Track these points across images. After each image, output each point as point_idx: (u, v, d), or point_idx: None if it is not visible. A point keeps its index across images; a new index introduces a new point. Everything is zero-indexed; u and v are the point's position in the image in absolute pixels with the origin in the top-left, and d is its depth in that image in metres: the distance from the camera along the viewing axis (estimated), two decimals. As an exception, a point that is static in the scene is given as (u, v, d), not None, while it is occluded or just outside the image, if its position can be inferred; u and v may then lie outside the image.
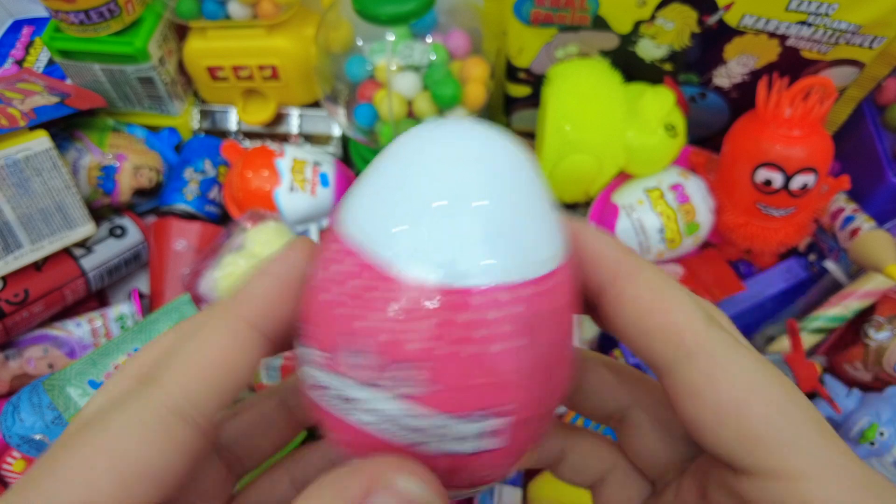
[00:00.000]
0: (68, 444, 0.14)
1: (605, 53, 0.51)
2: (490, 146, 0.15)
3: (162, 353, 0.15)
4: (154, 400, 0.14)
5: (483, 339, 0.14)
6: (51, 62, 0.67)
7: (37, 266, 0.50)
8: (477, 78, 0.50)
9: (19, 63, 0.67)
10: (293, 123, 0.62)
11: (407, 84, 0.48)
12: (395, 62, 0.48)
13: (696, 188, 0.51)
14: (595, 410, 0.20)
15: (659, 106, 0.48)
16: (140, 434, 0.14)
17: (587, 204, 0.54)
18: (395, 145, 0.15)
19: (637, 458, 0.19)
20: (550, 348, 0.15)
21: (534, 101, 0.57)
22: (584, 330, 0.50)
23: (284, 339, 0.16)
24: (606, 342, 0.53)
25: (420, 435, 0.14)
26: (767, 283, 0.54)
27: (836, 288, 0.53)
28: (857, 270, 0.53)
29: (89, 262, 0.53)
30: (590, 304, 0.17)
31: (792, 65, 0.48)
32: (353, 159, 0.61)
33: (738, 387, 0.14)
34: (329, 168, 0.58)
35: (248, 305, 0.15)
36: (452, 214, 0.14)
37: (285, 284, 0.15)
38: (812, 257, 0.55)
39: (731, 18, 0.45)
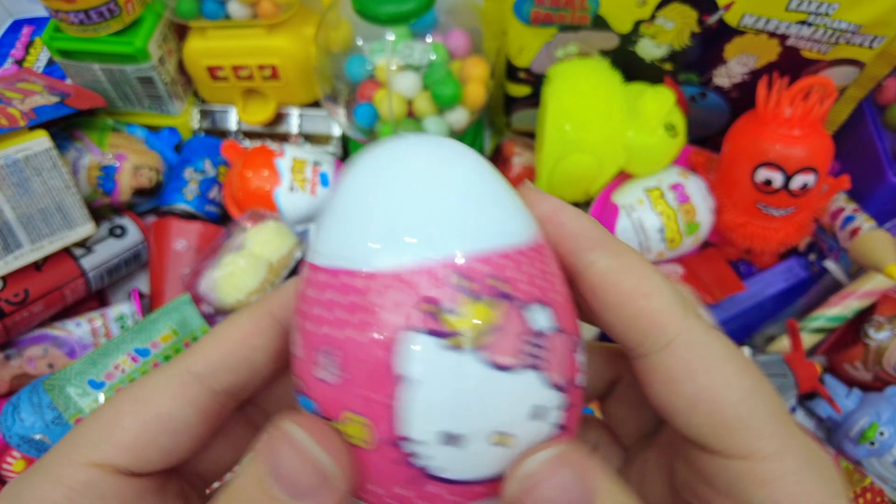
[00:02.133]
0: (112, 398, 0.17)
1: (605, 53, 0.51)
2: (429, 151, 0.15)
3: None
4: (178, 366, 0.17)
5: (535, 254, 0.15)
6: (51, 62, 0.67)
7: (37, 266, 0.50)
8: (477, 77, 0.50)
9: (19, 63, 0.67)
10: (293, 123, 0.62)
11: (407, 84, 0.48)
12: (395, 62, 0.48)
13: (696, 188, 0.51)
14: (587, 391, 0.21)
15: (659, 105, 0.48)
16: (161, 388, 0.16)
17: (587, 204, 0.54)
18: (345, 174, 0.16)
19: (617, 427, 0.20)
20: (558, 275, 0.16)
21: (534, 100, 0.57)
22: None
23: None
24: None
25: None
26: (767, 283, 0.54)
27: (836, 288, 0.53)
28: (857, 270, 0.53)
29: (89, 262, 0.53)
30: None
31: (792, 64, 0.48)
32: (353, 159, 0.61)
33: (713, 377, 0.15)
34: (329, 168, 0.58)
35: (275, 301, 0.17)
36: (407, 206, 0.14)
37: None
38: (812, 257, 0.55)
39: (731, 18, 0.45)
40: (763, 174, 0.47)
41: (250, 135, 0.63)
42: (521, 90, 0.57)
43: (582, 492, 0.14)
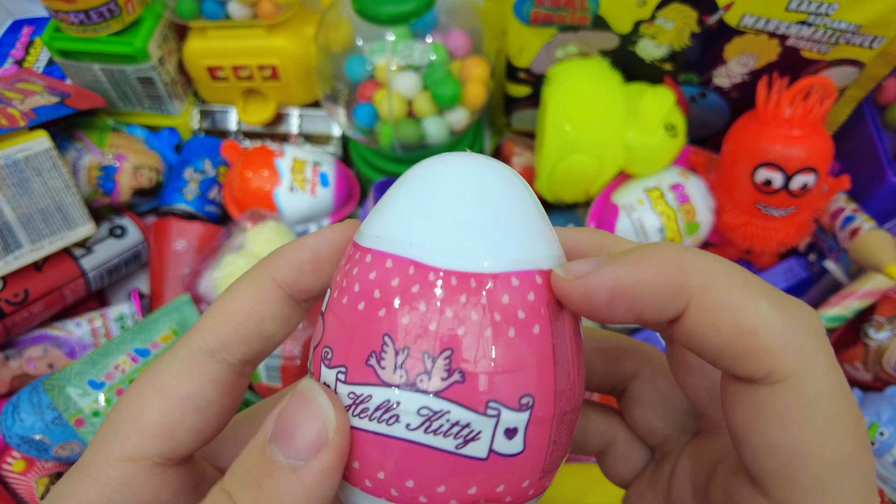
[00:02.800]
0: (130, 388, 0.17)
1: (605, 53, 0.51)
2: (498, 173, 0.16)
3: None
4: (189, 345, 0.17)
5: (501, 323, 0.14)
6: (51, 62, 0.67)
7: (37, 266, 0.50)
8: (477, 78, 0.50)
9: (19, 63, 0.67)
10: (293, 123, 0.62)
11: (407, 84, 0.48)
12: (395, 62, 0.48)
13: (696, 188, 0.51)
14: (600, 386, 0.20)
15: (659, 106, 0.48)
16: (177, 371, 0.16)
17: (587, 204, 0.54)
18: (411, 173, 0.17)
19: (637, 427, 0.20)
20: (565, 339, 0.15)
21: (534, 100, 0.57)
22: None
23: (308, 302, 0.18)
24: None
25: (467, 433, 0.14)
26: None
27: (836, 288, 0.53)
28: (857, 270, 0.53)
29: (89, 262, 0.53)
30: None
31: (792, 65, 0.48)
32: (353, 159, 0.61)
33: (813, 435, 0.13)
34: (329, 168, 0.58)
35: (276, 266, 0.17)
36: (463, 221, 0.15)
37: (316, 255, 0.17)
38: (812, 257, 0.55)
39: (731, 18, 0.45)
40: (763, 174, 0.47)
41: (250, 135, 0.63)
42: (521, 90, 0.57)
43: None
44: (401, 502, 0.15)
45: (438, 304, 0.14)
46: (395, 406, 0.14)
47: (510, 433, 0.14)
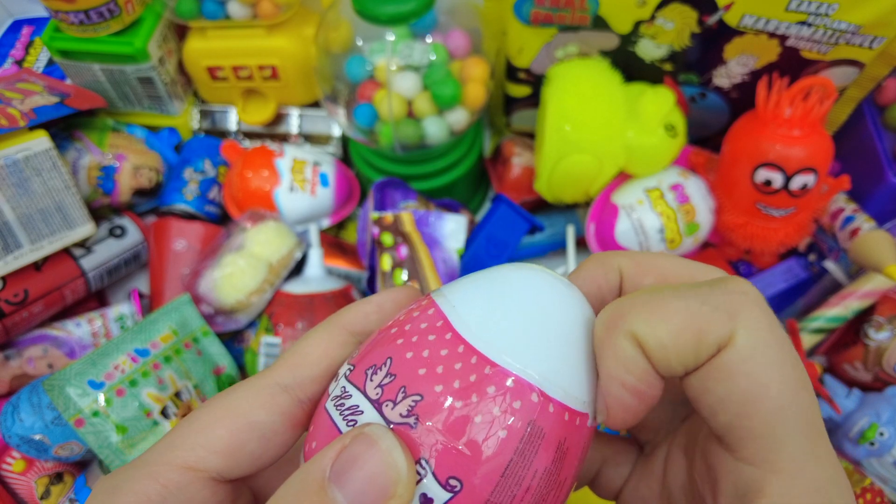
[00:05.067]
0: (205, 405, 0.18)
1: (605, 53, 0.51)
2: (567, 299, 0.17)
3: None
4: (267, 377, 0.18)
5: (474, 405, 0.15)
6: (50, 62, 0.67)
7: (36, 266, 0.50)
8: (477, 78, 0.50)
9: (19, 63, 0.67)
10: (293, 123, 0.62)
11: (407, 84, 0.48)
12: (395, 62, 0.48)
13: (696, 188, 0.51)
14: None
15: (659, 106, 0.48)
16: (252, 398, 0.18)
17: (587, 204, 0.54)
18: (504, 275, 0.18)
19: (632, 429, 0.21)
20: (532, 470, 0.15)
21: (534, 100, 0.57)
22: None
23: None
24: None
25: None
26: (767, 283, 0.54)
27: (836, 288, 0.53)
28: (857, 270, 0.53)
29: (89, 262, 0.53)
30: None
31: (792, 65, 0.48)
32: (352, 159, 0.61)
33: (754, 382, 0.15)
34: (329, 168, 0.58)
35: (349, 318, 0.19)
36: (528, 332, 0.16)
37: (380, 307, 0.20)
38: (812, 257, 0.55)
39: (731, 18, 0.45)
40: (763, 174, 0.47)
41: (250, 135, 0.63)
42: (520, 90, 0.57)
43: None
44: None
45: (442, 361, 0.16)
46: (359, 413, 0.16)
47: (425, 501, 0.15)
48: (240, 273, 0.50)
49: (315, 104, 0.63)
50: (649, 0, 0.46)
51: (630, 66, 0.50)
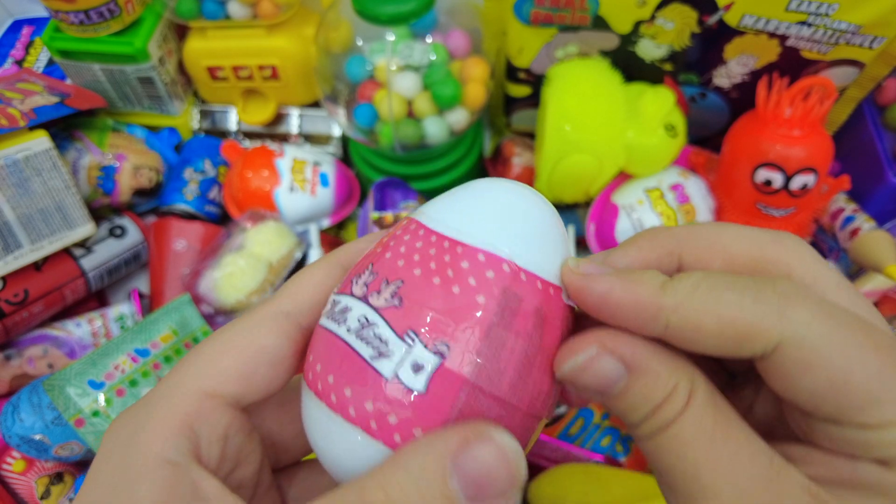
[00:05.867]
0: (208, 338, 0.19)
1: (605, 53, 0.51)
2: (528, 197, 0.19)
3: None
4: (269, 306, 0.19)
5: (450, 279, 0.16)
6: (51, 62, 0.67)
7: (37, 266, 0.50)
8: (477, 78, 0.50)
9: (19, 63, 0.67)
10: (293, 123, 0.62)
11: (407, 84, 0.48)
12: (395, 62, 0.48)
13: (696, 188, 0.51)
14: None
15: (659, 106, 0.48)
16: (257, 325, 0.18)
17: (587, 204, 0.54)
18: (475, 184, 0.19)
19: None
20: (514, 333, 0.16)
21: (534, 101, 0.57)
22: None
23: None
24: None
25: (383, 348, 0.16)
26: (767, 283, 0.54)
27: (836, 288, 0.52)
28: (857, 270, 0.53)
29: (89, 262, 0.53)
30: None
31: (792, 65, 0.48)
32: (352, 159, 0.61)
33: (836, 364, 0.14)
34: (329, 168, 0.58)
35: (342, 254, 0.20)
36: (497, 220, 0.18)
37: (371, 243, 0.20)
38: (812, 257, 0.55)
39: (731, 18, 0.45)
40: (763, 174, 0.47)
41: (250, 135, 0.64)
42: (521, 90, 0.57)
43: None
44: (321, 396, 0.17)
45: (417, 251, 0.17)
46: (348, 311, 0.17)
47: (417, 368, 0.16)
48: (240, 273, 0.50)
49: (315, 104, 0.63)
50: (649, 0, 0.46)
51: (630, 67, 0.50)
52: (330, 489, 0.15)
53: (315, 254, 0.54)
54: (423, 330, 0.16)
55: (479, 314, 0.16)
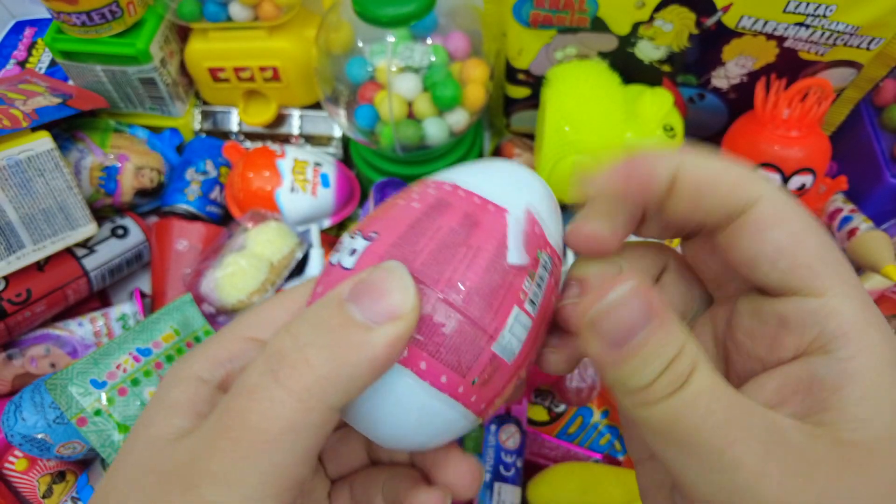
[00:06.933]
0: (265, 301, 0.23)
1: (604, 55, 0.51)
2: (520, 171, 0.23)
3: None
4: (307, 285, 0.23)
5: (403, 198, 0.21)
6: (53, 63, 0.67)
7: (39, 266, 0.50)
8: (477, 79, 0.50)
9: (21, 64, 0.67)
10: (294, 124, 0.63)
11: (407, 85, 0.48)
12: (396, 63, 0.48)
13: (695, 189, 0.51)
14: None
15: (657, 107, 0.48)
16: (302, 293, 0.23)
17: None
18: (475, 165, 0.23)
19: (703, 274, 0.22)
20: (437, 230, 0.19)
21: (533, 102, 0.57)
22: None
23: None
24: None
25: (338, 247, 0.21)
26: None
27: (834, 288, 0.53)
28: (855, 270, 0.53)
29: (91, 262, 0.53)
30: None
31: (790, 66, 0.48)
32: (353, 160, 0.61)
33: (795, 228, 0.17)
34: (330, 169, 0.58)
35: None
36: (477, 167, 0.22)
37: None
38: (810, 257, 0.55)
39: (730, 20, 0.46)
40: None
41: (251, 136, 0.64)
42: (520, 92, 0.57)
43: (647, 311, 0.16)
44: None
45: (400, 196, 0.21)
46: (341, 242, 0.21)
47: (352, 252, 0.20)
48: (241, 273, 0.50)
49: (316, 105, 0.63)
50: (648, 2, 0.46)
51: (629, 68, 0.51)
52: None
53: (316, 253, 0.55)
54: (367, 230, 0.20)
55: (408, 212, 0.20)
